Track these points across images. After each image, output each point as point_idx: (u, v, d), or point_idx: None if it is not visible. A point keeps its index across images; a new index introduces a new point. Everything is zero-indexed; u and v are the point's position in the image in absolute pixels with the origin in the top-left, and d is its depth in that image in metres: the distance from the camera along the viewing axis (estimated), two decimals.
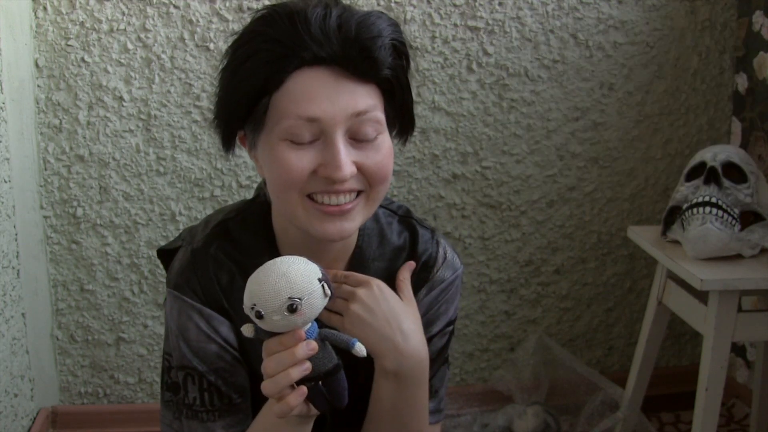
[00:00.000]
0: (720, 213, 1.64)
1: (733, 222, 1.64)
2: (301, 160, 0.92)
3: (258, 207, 1.07)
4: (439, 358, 1.09)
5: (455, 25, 1.97)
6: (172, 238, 1.97)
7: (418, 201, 2.04)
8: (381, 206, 1.09)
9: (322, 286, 0.84)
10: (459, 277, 1.10)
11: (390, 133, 0.99)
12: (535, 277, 2.15)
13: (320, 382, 0.88)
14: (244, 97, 0.93)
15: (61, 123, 1.91)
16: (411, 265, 1.07)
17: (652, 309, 1.87)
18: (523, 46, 2.00)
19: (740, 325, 1.60)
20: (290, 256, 0.86)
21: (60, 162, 1.93)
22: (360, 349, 0.88)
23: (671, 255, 1.69)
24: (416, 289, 1.07)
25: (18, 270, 1.89)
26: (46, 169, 1.94)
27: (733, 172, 1.69)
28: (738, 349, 2.14)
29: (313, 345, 0.86)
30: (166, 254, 1.11)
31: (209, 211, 1.97)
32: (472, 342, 2.16)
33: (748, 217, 1.67)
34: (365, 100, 0.92)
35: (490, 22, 1.98)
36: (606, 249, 2.16)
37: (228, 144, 1.00)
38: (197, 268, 1.02)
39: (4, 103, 1.79)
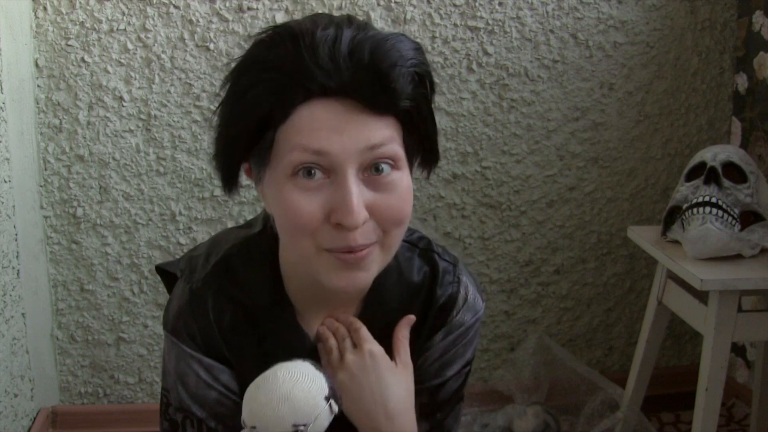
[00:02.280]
0: (720, 213, 1.64)
1: (733, 222, 1.64)
2: (311, 204, 0.82)
3: (264, 241, 0.97)
4: (453, 399, 1.04)
5: (455, 25, 1.97)
6: (172, 239, 1.99)
7: (418, 201, 2.04)
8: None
9: (330, 405, 0.78)
10: (479, 320, 1.02)
11: (411, 167, 0.88)
12: (535, 277, 2.15)
13: None
14: (246, 132, 0.84)
15: (61, 123, 1.91)
16: (410, 319, 0.98)
17: (652, 309, 1.87)
18: (523, 46, 2.00)
19: (740, 325, 1.60)
20: (292, 369, 0.79)
21: (60, 162, 1.93)
22: None
23: (671, 255, 1.69)
24: (432, 333, 1.00)
25: (18, 270, 1.89)
26: (46, 169, 1.94)
27: (733, 172, 1.69)
28: (738, 349, 2.14)
29: None
30: (163, 272, 1.06)
31: (209, 212, 1.97)
32: None
33: (748, 217, 1.67)
34: (380, 132, 0.81)
35: (490, 22, 1.98)
36: (606, 249, 2.16)
37: (230, 182, 0.89)
38: (196, 313, 0.95)
39: (4, 103, 1.79)
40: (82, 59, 1.89)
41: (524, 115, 2.04)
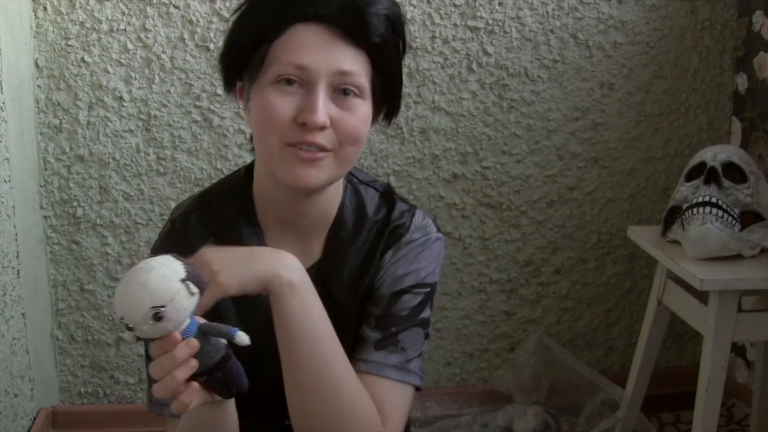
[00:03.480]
0: (720, 213, 1.64)
1: (733, 222, 1.64)
2: (285, 104, 0.97)
3: (238, 178, 1.12)
4: (410, 318, 1.07)
5: (455, 25, 1.97)
6: None
7: (418, 201, 2.04)
8: (363, 183, 1.13)
9: (186, 285, 0.83)
10: (432, 241, 1.10)
11: (375, 108, 1.04)
12: (535, 277, 2.15)
13: (216, 373, 0.88)
14: (247, 42, 0.99)
15: (61, 123, 1.91)
16: None
17: (652, 309, 1.87)
18: (523, 46, 2.00)
19: (740, 325, 1.60)
20: (151, 260, 0.85)
21: (60, 162, 1.93)
22: (241, 338, 0.87)
23: (671, 255, 1.69)
24: (384, 252, 1.09)
25: (18, 270, 1.89)
26: (46, 169, 1.94)
27: (733, 172, 1.69)
28: (738, 349, 2.14)
29: (194, 343, 0.85)
30: None
31: None
32: (472, 342, 2.16)
33: (748, 217, 1.67)
34: (352, 63, 0.98)
35: (490, 22, 1.98)
36: (606, 249, 2.16)
37: (228, 86, 1.05)
38: (176, 237, 1.06)
39: (4, 103, 1.79)
40: (82, 59, 1.89)
41: (524, 115, 2.04)
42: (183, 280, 0.83)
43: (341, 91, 0.99)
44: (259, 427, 1.05)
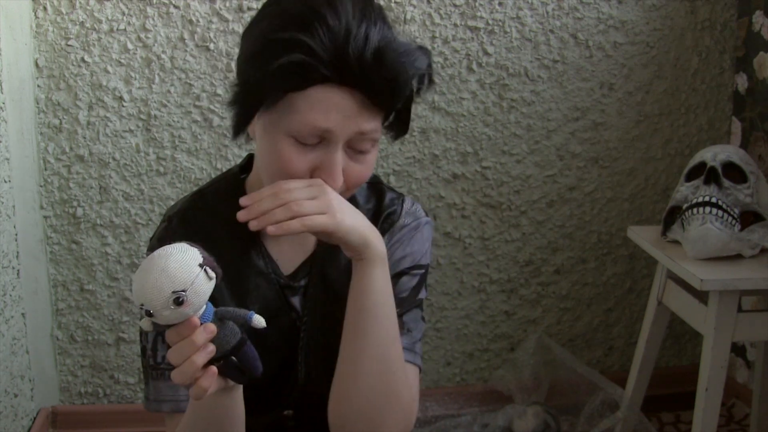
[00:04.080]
0: (720, 213, 1.64)
1: (733, 222, 1.64)
2: (302, 161, 0.96)
3: (232, 176, 1.12)
4: (411, 299, 1.11)
5: (455, 25, 1.97)
6: None
7: (418, 201, 2.04)
8: None
9: (205, 270, 0.84)
10: (422, 224, 1.13)
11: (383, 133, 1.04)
12: (535, 277, 2.15)
13: (231, 357, 0.89)
14: (266, 94, 0.95)
15: (61, 123, 1.91)
16: None
17: (652, 309, 1.87)
18: (523, 46, 2.00)
19: (740, 325, 1.60)
20: (168, 247, 0.85)
21: (60, 162, 1.93)
22: (258, 321, 0.89)
23: (671, 255, 1.69)
24: None
25: (18, 270, 1.89)
26: (46, 169, 1.94)
27: (733, 172, 1.69)
28: (738, 349, 2.14)
29: (211, 328, 0.86)
30: None
31: None
32: (472, 342, 2.16)
33: (748, 217, 1.67)
34: (373, 122, 0.97)
35: (490, 22, 1.98)
36: (606, 249, 2.16)
37: (239, 130, 1.00)
38: (171, 234, 1.06)
39: (4, 103, 1.79)
40: (82, 59, 1.89)
41: (524, 115, 2.04)
42: (201, 265, 0.84)
43: (358, 146, 0.98)
44: (258, 420, 1.06)
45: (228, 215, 1.05)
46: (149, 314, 0.83)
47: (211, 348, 0.86)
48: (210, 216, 1.09)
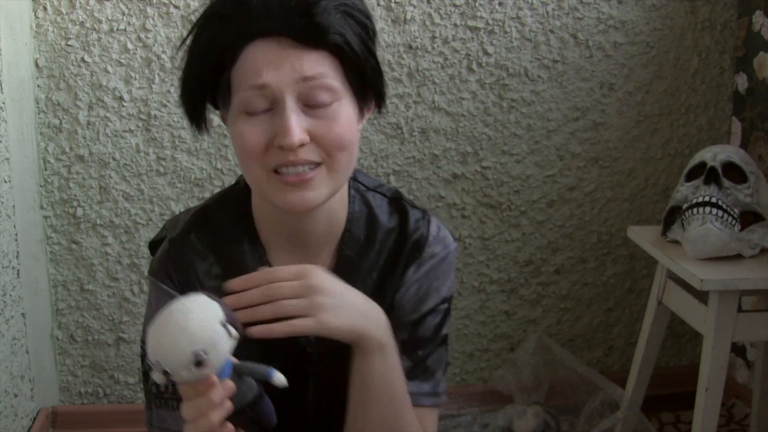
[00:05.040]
0: (720, 213, 1.64)
1: (733, 222, 1.64)
2: (256, 131, 0.92)
3: (237, 192, 1.07)
4: (434, 338, 1.07)
5: (455, 25, 1.97)
6: None
7: (418, 201, 2.04)
8: (370, 189, 1.08)
9: (226, 328, 0.80)
10: (451, 253, 1.08)
11: (360, 104, 0.98)
12: (535, 277, 2.15)
13: (247, 410, 0.86)
14: (204, 74, 0.94)
15: (61, 123, 1.91)
16: None
17: (652, 309, 1.87)
18: (523, 46, 2.00)
19: (740, 325, 1.60)
20: (187, 301, 0.81)
21: (60, 162, 1.93)
22: (279, 380, 0.84)
23: (671, 255, 1.69)
24: (406, 267, 1.05)
25: (18, 270, 1.89)
26: (46, 169, 1.94)
27: (733, 172, 1.69)
28: (738, 349, 2.14)
29: (230, 385, 0.82)
30: (155, 246, 1.10)
31: None
32: (472, 342, 2.16)
33: (748, 217, 1.67)
34: (313, 66, 0.91)
35: (490, 22, 1.98)
36: (606, 249, 2.16)
37: (196, 120, 0.99)
38: (174, 257, 1.02)
39: (4, 103, 1.79)
40: (82, 59, 1.89)
41: (524, 115, 2.04)
42: (223, 323, 0.80)
43: (313, 99, 0.92)
44: None
45: (233, 236, 1.03)
46: (167, 373, 0.79)
47: (228, 404, 0.83)
48: (213, 236, 1.04)
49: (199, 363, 0.78)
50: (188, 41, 0.96)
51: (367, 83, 0.98)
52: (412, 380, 1.04)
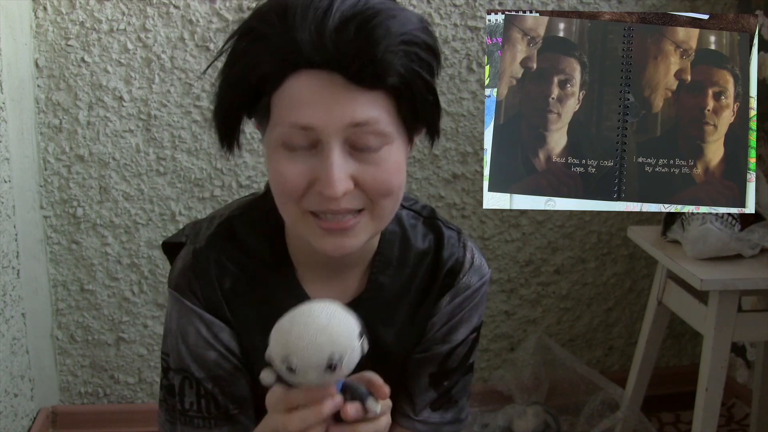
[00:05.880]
0: (720, 213, 1.64)
1: (733, 222, 1.64)
2: (296, 171, 0.84)
3: (267, 204, 0.96)
4: (461, 367, 1.04)
5: (455, 25, 1.97)
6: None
7: (418, 200, 2.04)
8: (404, 207, 1.02)
9: (361, 343, 0.77)
10: (486, 284, 1.03)
11: (410, 138, 0.90)
12: (535, 277, 2.15)
13: None
14: (242, 96, 0.86)
15: (61, 123, 1.91)
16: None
17: (652, 309, 1.87)
18: None
19: (740, 325, 1.60)
20: (327, 305, 0.78)
21: (60, 162, 1.93)
22: (372, 405, 0.80)
23: (671, 255, 1.69)
24: (439, 296, 1.01)
25: (18, 270, 1.89)
26: (46, 169, 1.94)
27: None
28: (738, 349, 2.14)
29: (339, 400, 0.79)
30: (169, 247, 1.07)
31: (209, 211, 1.97)
32: None
33: (748, 217, 1.67)
34: (366, 110, 0.82)
35: None
36: (606, 249, 2.16)
37: (228, 139, 0.91)
38: (199, 271, 0.96)
39: (4, 103, 1.79)
40: (82, 59, 1.89)
41: None
42: (359, 336, 0.77)
43: (361, 143, 0.83)
44: None
45: (260, 252, 0.97)
46: (291, 370, 0.75)
47: (329, 421, 0.79)
48: (239, 251, 0.98)
49: (330, 367, 0.75)
50: (225, 57, 0.87)
51: (422, 120, 0.89)
52: (436, 411, 1.02)
